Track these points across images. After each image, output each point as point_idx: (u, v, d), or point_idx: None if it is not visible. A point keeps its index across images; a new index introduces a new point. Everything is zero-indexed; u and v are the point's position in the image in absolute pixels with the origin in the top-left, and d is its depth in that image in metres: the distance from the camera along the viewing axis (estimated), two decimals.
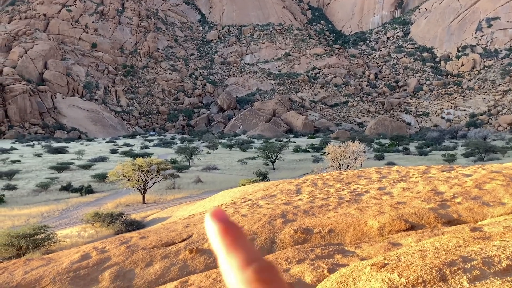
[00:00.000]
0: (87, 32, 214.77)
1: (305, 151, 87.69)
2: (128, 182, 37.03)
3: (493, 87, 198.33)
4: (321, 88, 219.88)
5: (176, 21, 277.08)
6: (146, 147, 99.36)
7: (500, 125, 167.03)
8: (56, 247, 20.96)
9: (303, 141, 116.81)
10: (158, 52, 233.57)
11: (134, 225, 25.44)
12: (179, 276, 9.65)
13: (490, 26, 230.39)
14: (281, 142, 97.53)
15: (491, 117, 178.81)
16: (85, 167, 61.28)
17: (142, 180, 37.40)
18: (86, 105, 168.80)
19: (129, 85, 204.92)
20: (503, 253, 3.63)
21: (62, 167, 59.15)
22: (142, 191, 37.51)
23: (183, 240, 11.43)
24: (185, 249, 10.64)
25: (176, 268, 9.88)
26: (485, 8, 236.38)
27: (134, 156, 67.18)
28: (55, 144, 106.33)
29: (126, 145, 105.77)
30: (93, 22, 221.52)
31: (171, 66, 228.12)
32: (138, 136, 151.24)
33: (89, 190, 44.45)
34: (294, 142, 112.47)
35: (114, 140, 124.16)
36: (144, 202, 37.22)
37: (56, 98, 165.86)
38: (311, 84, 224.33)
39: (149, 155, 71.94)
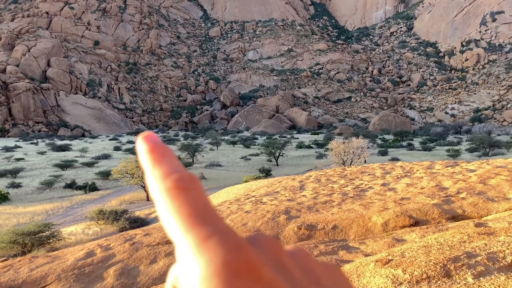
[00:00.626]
0: (89, 30, 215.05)
1: (309, 147, 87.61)
2: (132, 179, 37.15)
3: (497, 82, 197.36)
4: (324, 84, 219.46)
5: (178, 17, 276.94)
6: None
7: (504, 120, 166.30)
8: (61, 244, 21.07)
9: (306, 137, 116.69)
10: (161, 49, 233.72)
11: (138, 222, 25.53)
12: None
13: (494, 20, 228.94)
14: (285, 138, 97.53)
15: (496, 112, 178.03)
16: (89, 164, 61.49)
17: None
18: (89, 102, 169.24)
19: (132, 82, 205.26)
20: (508, 249, 3.62)
21: (66, 165, 59.36)
22: (146, 188, 37.59)
23: None
24: None
25: None
26: (489, 2, 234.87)
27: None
28: (59, 142, 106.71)
29: (129, 142, 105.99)
30: (95, 19, 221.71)
31: (173, 63, 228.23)
32: None
33: (93, 188, 44.61)
34: (297, 138, 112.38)
35: (118, 138, 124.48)
36: (148, 199, 37.33)
37: (59, 96, 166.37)
38: (314, 80, 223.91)
39: None
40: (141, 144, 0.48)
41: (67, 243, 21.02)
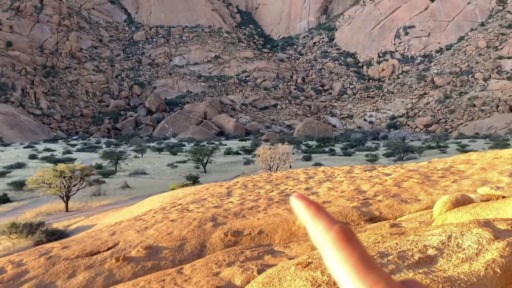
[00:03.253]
0: (0, 30, 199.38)
1: (237, 153, 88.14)
2: (49, 190, 34.94)
3: (410, 91, 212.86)
4: (251, 91, 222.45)
5: (100, 20, 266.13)
6: (69, 152, 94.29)
7: (417, 127, 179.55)
8: None
9: (234, 144, 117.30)
10: (82, 52, 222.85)
11: (56, 235, 24.02)
12: (105, 286, 9.26)
13: (407, 34, 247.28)
14: (213, 145, 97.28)
15: (409, 119, 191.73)
16: (0, 174, 56.87)
17: (65, 187, 35.49)
18: (1, 108, 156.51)
19: (49, 86, 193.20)
20: (416, 247, 3.89)
21: None
22: (65, 199, 35.59)
23: (109, 249, 10.99)
24: (111, 258, 10.24)
25: (102, 278, 9.47)
26: (402, 16, 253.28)
27: (56, 161, 63.52)
28: None
29: (46, 150, 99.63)
30: (7, 19, 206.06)
31: (95, 67, 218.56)
32: (60, 141, 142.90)
33: (4, 199, 41.25)
34: (225, 144, 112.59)
35: (34, 145, 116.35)
36: (67, 210, 35.31)
37: None
38: (242, 87, 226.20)
39: (72, 160, 68.43)
40: (297, 202, 0.58)
41: None
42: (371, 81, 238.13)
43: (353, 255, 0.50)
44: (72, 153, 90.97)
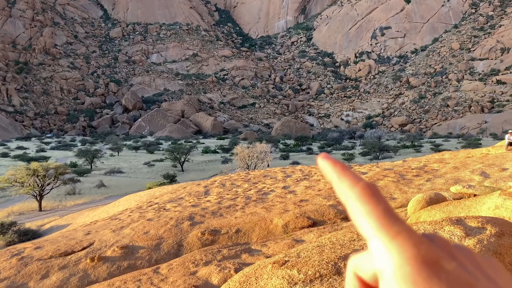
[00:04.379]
0: None
1: (215, 152, 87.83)
2: (21, 189, 34.11)
3: (386, 91, 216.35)
4: (229, 90, 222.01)
5: (76, 16, 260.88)
6: (43, 150, 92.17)
7: (392, 126, 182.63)
8: None
9: (212, 142, 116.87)
10: (56, 48, 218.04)
11: (29, 235, 23.48)
12: (80, 287, 9.11)
13: (383, 34, 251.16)
14: (190, 143, 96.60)
15: (385, 118, 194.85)
16: None
17: (38, 186, 34.70)
18: None
19: (22, 83, 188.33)
20: None
21: None
22: (38, 198, 34.80)
23: (84, 248, 10.81)
24: (86, 258, 10.07)
25: (76, 279, 9.31)
26: (378, 17, 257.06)
27: (29, 160, 61.99)
28: None
29: (19, 148, 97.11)
30: None
31: (70, 63, 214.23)
32: (33, 139, 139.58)
33: None
34: (203, 143, 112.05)
35: (5, 143, 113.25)
36: (40, 210, 34.55)
37: None
38: (220, 85, 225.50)
39: (46, 158, 66.93)
40: (323, 161, 0.60)
41: None
42: (348, 81, 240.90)
43: (377, 208, 0.53)
44: (46, 151, 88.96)
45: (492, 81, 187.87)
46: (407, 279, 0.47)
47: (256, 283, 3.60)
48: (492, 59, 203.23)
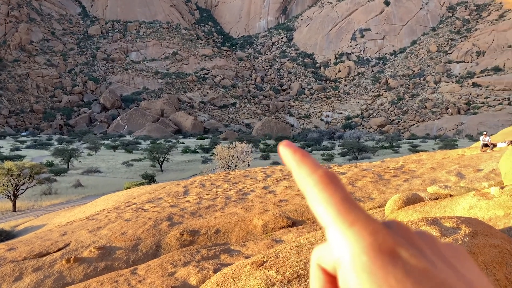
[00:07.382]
0: None
1: (194, 152, 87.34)
2: None
3: (365, 92, 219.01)
4: (210, 89, 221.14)
5: (53, 12, 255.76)
6: (18, 149, 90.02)
7: (371, 127, 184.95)
8: None
9: (192, 142, 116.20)
10: (32, 45, 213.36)
11: (2, 236, 22.88)
12: None
13: (362, 36, 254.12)
14: (170, 143, 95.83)
15: (364, 119, 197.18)
16: None
17: (12, 185, 33.89)
18: None
19: None
20: None
21: None
22: (12, 198, 33.99)
23: (59, 250, 10.59)
24: (61, 259, 9.88)
25: (51, 280, 9.12)
26: (358, 19, 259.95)
27: (3, 159, 60.50)
28: None
29: None
30: None
31: (47, 60, 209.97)
32: (7, 137, 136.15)
33: None
34: (183, 143, 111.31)
35: None
36: (14, 210, 33.74)
37: None
38: (200, 84, 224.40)
39: (21, 157, 65.47)
40: (284, 149, 0.59)
41: None
42: (328, 81, 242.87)
43: (335, 196, 0.52)
44: (21, 150, 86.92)
45: (468, 84, 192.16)
46: (363, 268, 0.46)
47: (234, 284, 3.58)
48: (468, 62, 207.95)
